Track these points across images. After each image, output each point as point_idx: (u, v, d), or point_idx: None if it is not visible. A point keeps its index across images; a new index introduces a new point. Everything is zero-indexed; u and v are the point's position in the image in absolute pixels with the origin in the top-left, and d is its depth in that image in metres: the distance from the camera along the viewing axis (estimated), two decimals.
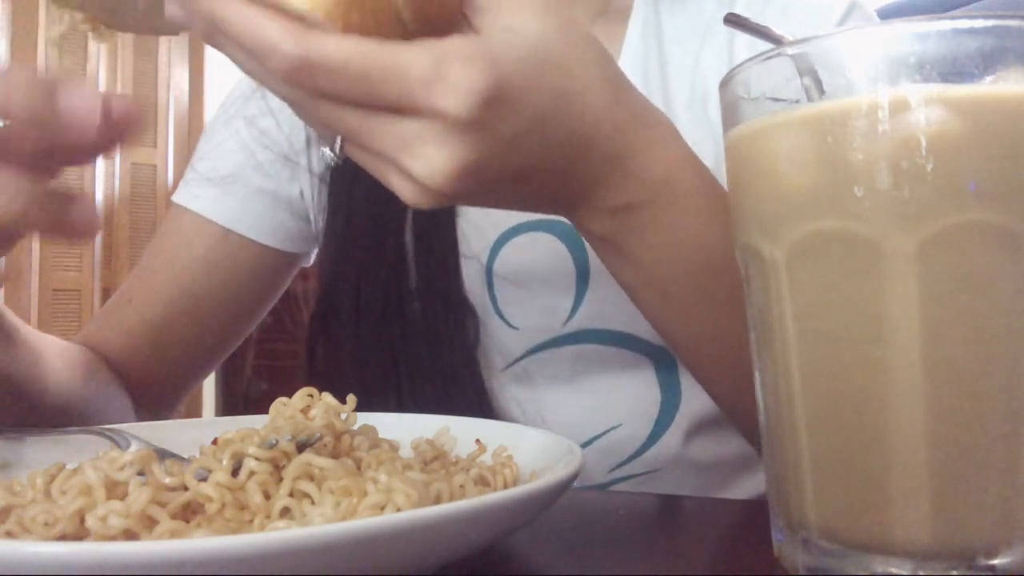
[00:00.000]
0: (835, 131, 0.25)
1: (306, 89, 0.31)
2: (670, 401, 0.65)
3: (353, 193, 0.65)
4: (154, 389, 0.69)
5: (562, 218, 0.43)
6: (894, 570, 0.25)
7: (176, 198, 0.72)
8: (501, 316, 0.65)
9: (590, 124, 0.36)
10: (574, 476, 0.34)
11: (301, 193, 0.71)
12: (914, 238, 0.24)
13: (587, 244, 0.59)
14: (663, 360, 0.65)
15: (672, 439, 0.65)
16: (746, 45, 0.64)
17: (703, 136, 0.60)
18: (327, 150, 0.35)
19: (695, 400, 0.65)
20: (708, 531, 0.43)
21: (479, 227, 0.64)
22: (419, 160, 0.32)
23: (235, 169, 0.70)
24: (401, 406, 0.62)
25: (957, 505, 0.25)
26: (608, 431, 0.65)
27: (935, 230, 0.24)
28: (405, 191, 0.34)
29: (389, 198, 0.36)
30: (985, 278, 0.24)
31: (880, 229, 0.24)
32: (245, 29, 0.29)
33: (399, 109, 0.31)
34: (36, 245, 3.08)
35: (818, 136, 0.26)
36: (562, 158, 0.37)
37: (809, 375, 0.27)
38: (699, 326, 0.45)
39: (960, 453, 0.25)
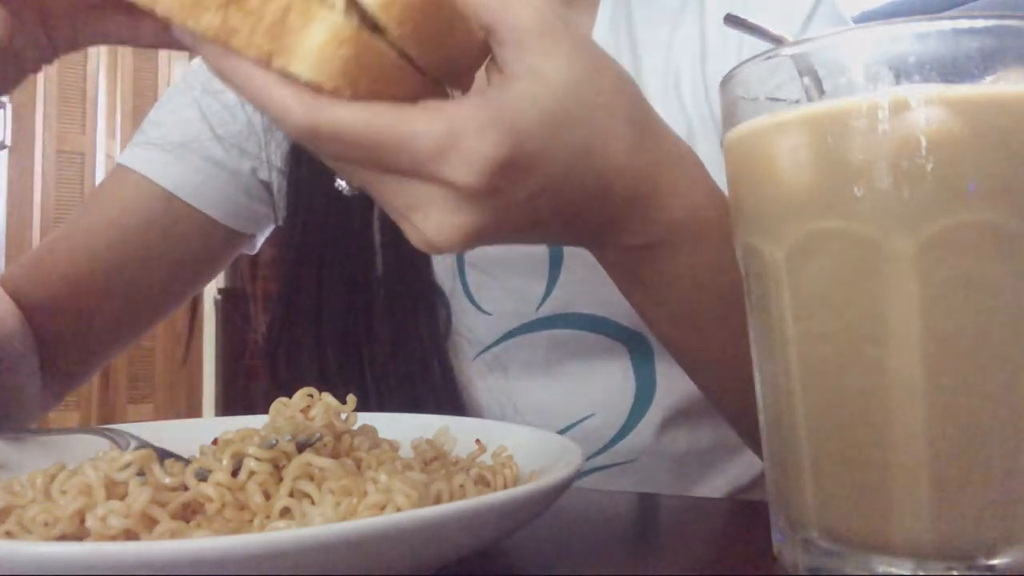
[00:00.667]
0: (835, 131, 0.25)
1: (318, 151, 0.31)
2: (645, 391, 0.64)
3: (315, 184, 0.64)
4: (65, 354, 0.65)
5: None
6: (894, 570, 0.25)
7: (122, 159, 0.68)
8: (473, 301, 0.64)
9: (611, 174, 0.35)
10: (574, 476, 0.34)
11: (254, 171, 0.69)
12: (914, 238, 0.24)
13: None
14: (639, 348, 0.64)
15: (646, 429, 0.64)
16: (718, 30, 0.63)
17: (675, 118, 0.59)
18: (342, 182, 0.34)
19: (670, 390, 0.64)
20: (708, 532, 0.43)
21: None
22: (429, 221, 0.32)
23: (191, 138, 0.67)
24: (365, 402, 0.62)
25: (958, 504, 0.25)
26: (581, 420, 0.64)
27: (935, 230, 0.24)
28: (415, 239, 0.33)
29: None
30: (985, 278, 0.24)
31: (880, 229, 0.24)
32: (254, 93, 0.28)
33: (410, 175, 0.31)
34: (36, 245, 3.08)
35: (818, 136, 0.26)
36: (579, 207, 0.36)
37: (809, 375, 0.27)
38: (711, 346, 0.45)
39: (960, 453, 0.25)
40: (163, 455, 0.39)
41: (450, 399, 0.62)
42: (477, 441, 0.43)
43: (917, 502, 0.25)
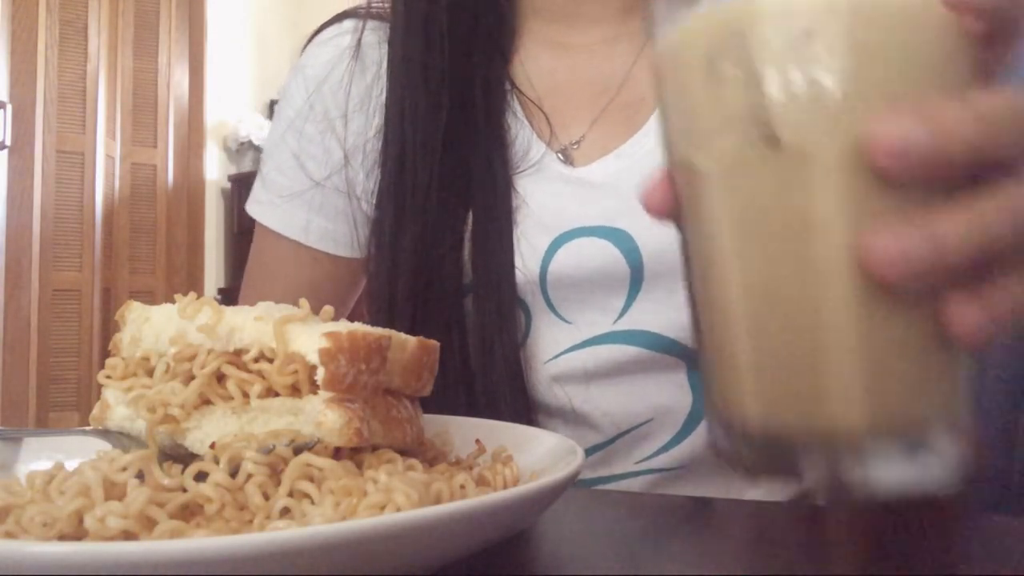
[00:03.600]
0: (757, 44, 0.26)
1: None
2: (699, 404, 0.66)
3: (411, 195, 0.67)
4: None
5: (615, 225, 0.42)
6: (824, 455, 0.27)
7: (269, 222, 0.74)
8: (555, 312, 0.66)
9: None
10: (574, 476, 0.34)
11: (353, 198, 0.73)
12: (836, 144, 0.25)
13: (642, 250, 0.62)
14: (696, 364, 0.66)
15: (698, 439, 0.66)
16: None
17: None
18: None
19: None
20: (707, 531, 0.42)
21: (535, 230, 0.66)
22: None
23: (298, 188, 0.73)
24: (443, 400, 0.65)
25: (887, 390, 0.27)
26: (639, 425, 0.66)
27: (856, 136, 0.25)
28: None
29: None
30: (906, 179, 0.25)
31: (804, 137, 0.26)
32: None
33: None
34: (36, 245, 3.08)
35: (740, 48, 0.26)
36: None
37: (744, 278, 0.28)
38: None
39: (884, 341, 0.26)
40: (163, 456, 0.39)
41: (518, 399, 0.64)
42: (477, 441, 0.43)
43: (850, 389, 0.26)
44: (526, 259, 0.65)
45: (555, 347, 0.66)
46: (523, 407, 0.64)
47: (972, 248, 0.25)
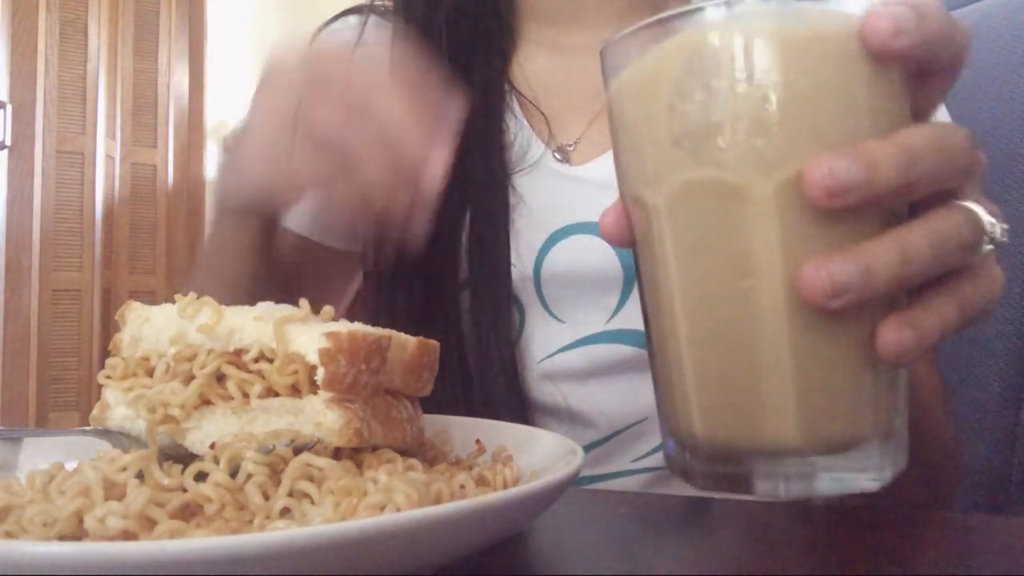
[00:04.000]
0: (697, 90, 0.29)
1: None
2: None
3: None
4: None
5: None
6: (766, 467, 0.30)
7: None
8: (548, 309, 0.67)
9: None
10: (574, 476, 0.34)
11: None
12: (771, 182, 0.28)
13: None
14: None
15: None
16: None
17: None
18: None
19: None
20: (706, 531, 0.42)
21: (530, 228, 0.66)
22: None
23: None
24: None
25: (821, 407, 0.29)
26: (633, 425, 0.67)
27: (789, 174, 0.27)
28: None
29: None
30: (836, 212, 0.27)
31: (742, 176, 0.28)
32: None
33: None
34: (36, 245, 3.08)
35: (685, 95, 0.29)
36: None
37: (690, 306, 0.30)
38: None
39: (818, 364, 0.29)
40: (163, 456, 0.39)
41: (513, 397, 0.64)
42: (477, 441, 0.43)
43: (784, 409, 0.29)
44: (522, 256, 0.65)
45: (548, 346, 0.67)
46: (518, 405, 0.65)
47: (898, 275, 0.28)
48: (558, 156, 0.68)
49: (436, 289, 0.65)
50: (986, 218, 0.30)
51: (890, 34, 0.28)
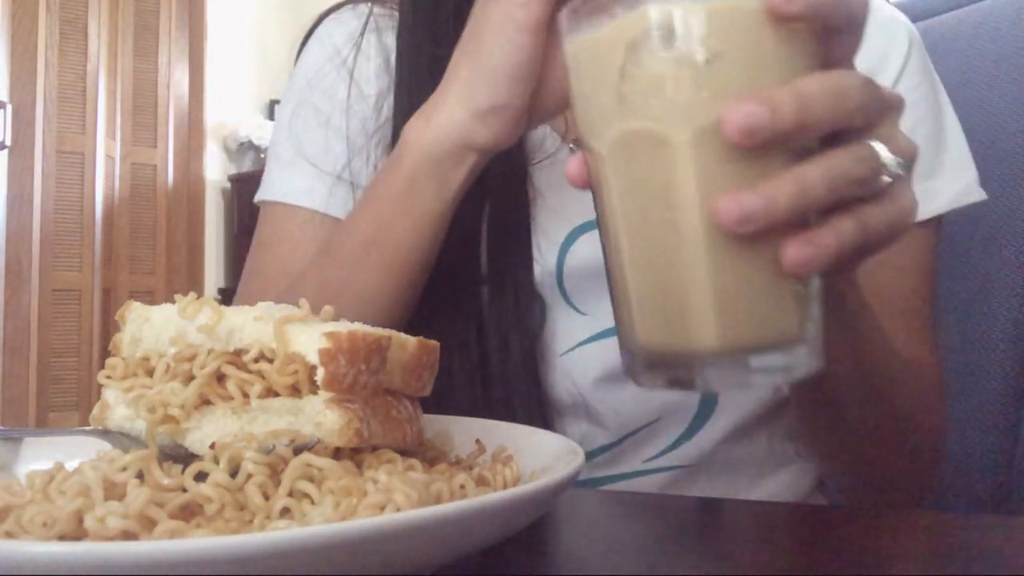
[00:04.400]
0: (643, 56, 0.34)
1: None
2: (707, 403, 0.67)
3: None
4: None
5: None
6: (697, 371, 0.35)
7: (275, 196, 0.72)
8: (570, 303, 0.67)
9: None
10: (574, 476, 0.34)
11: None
12: (690, 130, 0.33)
13: None
14: None
15: (706, 438, 0.68)
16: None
17: None
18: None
19: (730, 406, 0.68)
20: (705, 531, 0.42)
21: (551, 222, 0.66)
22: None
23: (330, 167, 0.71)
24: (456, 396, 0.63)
25: (733, 316, 0.34)
26: (648, 424, 0.67)
27: (705, 123, 0.33)
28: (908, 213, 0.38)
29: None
30: (743, 154, 0.33)
31: (667, 126, 0.33)
32: None
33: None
34: (36, 245, 3.08)
35: (621, 56, 0.34)
36: None
37: (629, 236, 0.36)
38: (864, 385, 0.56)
39: (732, 279, 0.34)
40: (163, 456, 0.39)
41: (531, 393, 0.64)
42: (477, 441, 0.43)
43: (705, 318, 0.34)
44: (543, 251, 0.65)
45: (571, 339, 0.66)
46: (536, 401, 0.64)
47: (796, 205, 0.33)
48: (573, 148, 0.68)
49: (456, 283, 0.64)
50: (885, 154, 0.36)
51: (783, 0, 0.33)
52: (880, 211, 0.36)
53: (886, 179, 0.36)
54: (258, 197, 0.74)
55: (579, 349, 0.66)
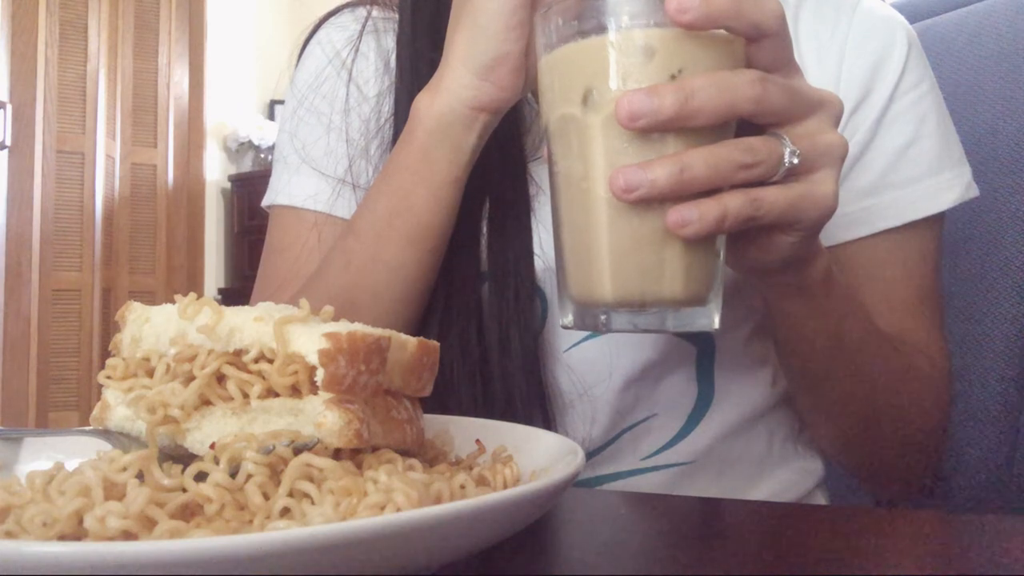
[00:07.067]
0: (572, 67, 0.44)
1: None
2: (704, 398, 0.68)
3: None
4: None
5: None
6: (602, 316, 0.44)
7: (285, 200, 0.73)
8: None
9: None
10: (574, 476, 0.34)
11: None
12: (600, 117, 0.42)
13: None
14: (705, 351, 0.68)
15: (703, 434, 0.68)
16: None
17: None
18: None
19: (727, 401, 0.68)
20: (705, 531, 0.42)
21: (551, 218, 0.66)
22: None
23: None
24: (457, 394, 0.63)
25: (627, 273, 0.42)
26: (645, 419, 0.67)
27: (608, 112, 0.41)
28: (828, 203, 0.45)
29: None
30: (640, 137, 0.41)
31: (585, 113, 0.42)
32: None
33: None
34: (36, 245, 3.08)
35: (569, 66, 0.44)
36: None
37: (563, 201, 0.45)
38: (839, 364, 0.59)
39: (628, 240, 0.42)
40: (163, 457, 0.39)
41: (532, 389, 0.64)
42: (477, 441, 0.43)
43: (602, 273, 0.43)
44: (544, 246, 0.65)
45: (573, 335, 0.66)
46: (536, 397, 0.64)
47: (676, 181, 0.40)
48: None
49: (456, 280, 0.64)
50: (784, 146, 0.42)
51: (675, 11, 0.39)
52: (778, 192, 0.42)
53: (783, 167, 0.42)
54: (265, 202, 0.75)
55: (582, 345, 0.66)
